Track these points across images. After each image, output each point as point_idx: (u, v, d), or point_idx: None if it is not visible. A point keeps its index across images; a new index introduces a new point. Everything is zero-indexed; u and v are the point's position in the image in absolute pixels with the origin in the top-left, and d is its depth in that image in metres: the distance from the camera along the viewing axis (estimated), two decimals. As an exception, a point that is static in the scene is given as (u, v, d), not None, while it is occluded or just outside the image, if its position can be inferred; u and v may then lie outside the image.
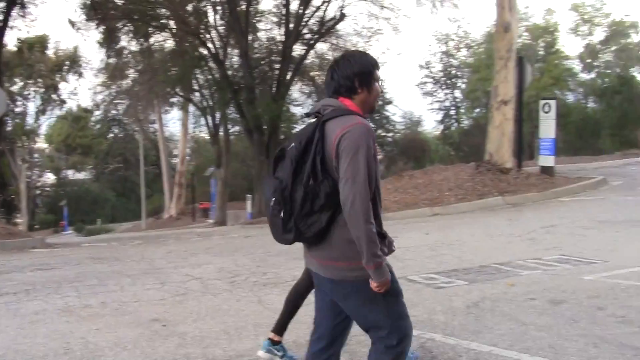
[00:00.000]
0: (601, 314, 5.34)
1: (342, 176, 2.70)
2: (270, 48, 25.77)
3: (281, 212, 2.76)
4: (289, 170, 2.75)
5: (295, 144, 2.79)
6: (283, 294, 6.63)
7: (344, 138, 2.69)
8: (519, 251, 8.24)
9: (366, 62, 2.93)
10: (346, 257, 2.80)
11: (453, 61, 44.39)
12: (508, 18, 15.74)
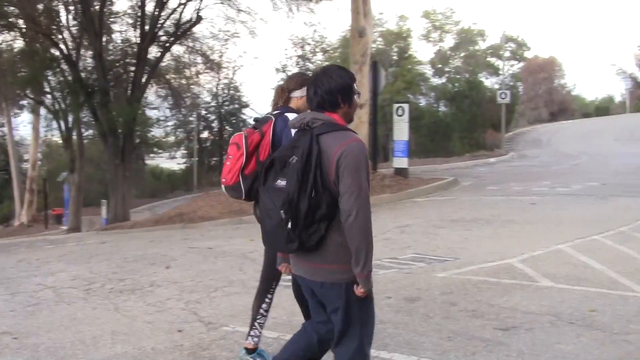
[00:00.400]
0: (454, 309, 5.77)
1: (345, 190, 2.95)
2: (125, 50, 25.42)
3: (289, 222, 2.95)
4: (296, 182, 2.95)
5: (297, 157, 2.99)
6: (140, 300, 6.58)
7: (345, 155, 2.96)
8: (375, 251, 8.58)
9: (346, 77, 3.21)
10: (338, 261, 3.06)
11: (309, 65, 45.56)
12: (363, 23, 16.42)
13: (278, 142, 4.13)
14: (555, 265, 7.40)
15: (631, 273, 6.89)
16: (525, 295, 6.14)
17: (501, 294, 6.22)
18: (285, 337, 5.04)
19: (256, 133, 4.18)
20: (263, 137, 4.16)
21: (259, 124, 4.27)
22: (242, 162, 4.08)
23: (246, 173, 4.10)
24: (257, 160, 4.12)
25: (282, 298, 6.34)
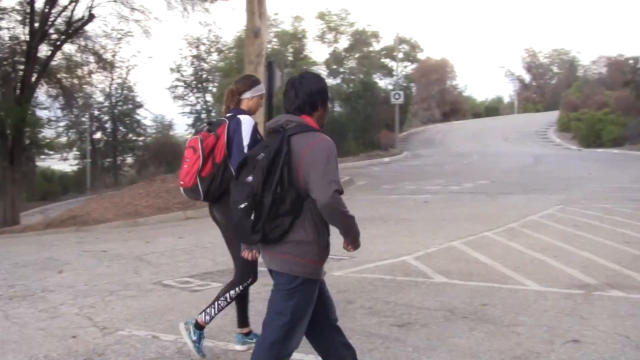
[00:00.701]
0: (351, 307, 5.96)
1: (315, 184, 3.17)
2: (13, 48, 24.26)
3: (251, 215, 3.18)
4: (260, 178, 3.18)
5: (265, 154, 3.23)
6: (32, 306, 6.37)
7: (313, 152, 3.21)
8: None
9: (323, 82, 3.52)
10: (296, 254, 3.26)
11: (204, 65, 45.21)
12: (258, 24, 16.49)
13: (235, 141, 4.40)
14: (449, 261, 7.78)
15: (520, 267, 7.35)
16: (420, 292, 6.43)
17: (397, 291, 6.48)
18: (182, 339, 5.05)
19: (211, 136, 4.44)
20: (218, 139, 4.43)
21: (213, 127, 4.52)
22: (199, 164, 4.37)
23: (203, 175, 4.38)
24: (213, 163, 4.42)
25: (178, 301, 6.37)
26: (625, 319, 5.46)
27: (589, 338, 4.97)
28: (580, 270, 7.21)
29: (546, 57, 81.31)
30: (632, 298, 6.10)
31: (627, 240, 8.86)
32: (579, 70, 78.14)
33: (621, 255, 7.95)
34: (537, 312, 5.72)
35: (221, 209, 4.52)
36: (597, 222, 10.51)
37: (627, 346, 4.79)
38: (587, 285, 6.61)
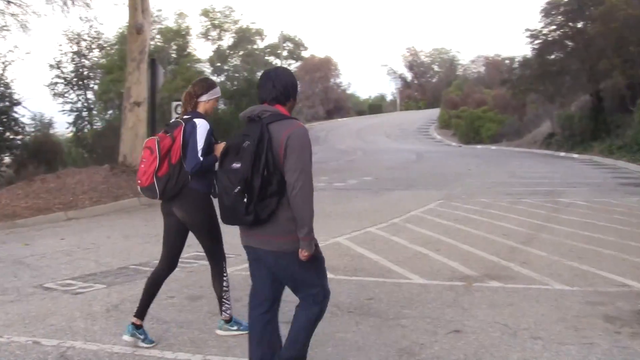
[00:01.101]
0: (237, 305, 5.86)
1: (291, 166, 3.57)
2: None
3: (244, 198, 3.55)
4: (249, 163, 3.54)
5: (249, 141, 3.57)
6: None
7: (291, 138, 3.59)
8: (157, 251, 8.46)
9: (294, 76, 3.97)
10: (288, 232, 3.64)
11: (85, 62, 43.59)
12: (141, 20, 16.13)
13: (191, 143, 4.71)
14: (334, 257, 7.89)
15: (403, 262, 7.60)
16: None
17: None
18: (65, 343, 4.93)
19: (168, 137, 4.73)
20: (174, 141, 4.72)
21: (170, 128, 4.81)
22: (155, 165, 4.66)
23: (159, 175, 4.67)
24: (169, 163, 4.70)
25: (60, 304, 6.15)
26: (503, 307, 5.77)
27: (470, 328, 5.22)
28: (461, 263, 7.54)
29: (427, 56, 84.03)
30: (509, 288, 6.45)
31: (504, 233, 9.36)
32: (458, 69, 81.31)
33: (499, 247, 8.39)
34: (420, 304, 5.93)
35: (183, 206, 4.85)
36: (476, 216, 11.02)
37: (505, 334, 5.06)
38: (467, 277, 6.93)
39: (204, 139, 4.75)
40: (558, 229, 9.65)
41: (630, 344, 4.77)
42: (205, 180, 4.85)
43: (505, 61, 50.94)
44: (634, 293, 6.15)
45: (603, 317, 5.44)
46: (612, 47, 29.64)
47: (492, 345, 4.80)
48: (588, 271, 7.03)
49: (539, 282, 6.67)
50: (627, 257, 7.67)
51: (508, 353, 4.65)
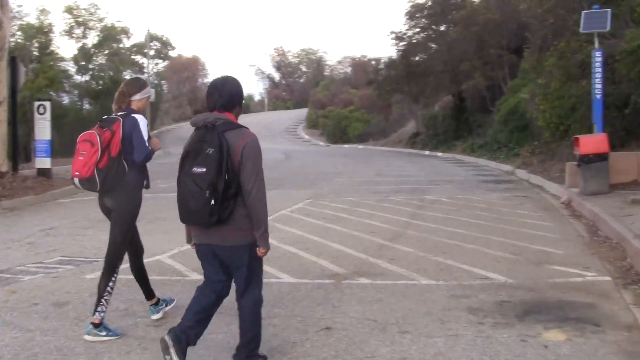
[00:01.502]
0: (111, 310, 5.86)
1: (248, 173, 4.05)
2: None
3: (212, 199, 3.92)
4: (215, 168, 3.93)
5: (213, 148, 3.95)
6: None
7: (247, 147, 4.05)
8: (18, 257, 8.26)
9: (240, 86, 4.34)
10: (244, 228, 4.10)
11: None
12: (0, 15, 15.38)
13: (127, 139, 5.02)
14: (205, 259, 7.90)
15: (273, 261, 7.57)
16: (176, 290, 6.44)
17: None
18: None
19: (107, 132, 4.96)
20: (114, 135, 4.97)
21: (107, 123, 5.03)
22: (97, 157, 4.86)
23: (100, 167, 4.89)
24: (109, 156, 4.94)
25: None
26: (372, 304, 5.96)
27: (341, 324, 5.36)
28: (331, 261, 7.71)
29: (295, 56, 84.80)
30: (378, 284, 6.67)
31: (372, 231, 9.65)
32: (326, 69, 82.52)
33: (367, 244, 8.64)
34: (291, 303, 6.03)
35: (116, 197, 5.14)
36: (345, 215, 11.29)
37: (374, 329, 5.24)
38: (337, 274, 7.09)
39: (146, 131, 5.14)
40: (424, 226, 10.07)
41: (493, 334, 5.06)
42: (141, 174, 5.27)
43: (372, 62, 52.11)
44: (495, 285, 6.52)
45: (467, 309, 5.73)
46: (473, 49, 31.15)
47: (362, 341, 4.95)
48: (452, 265, 7.39)
49: (406, 277, 6.93)
50: (489, 251, 8.14)
51: (377, 348, 4.80)
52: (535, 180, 17.02)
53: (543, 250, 8.16)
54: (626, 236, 8.04)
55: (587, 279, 6.71)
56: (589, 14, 13.49)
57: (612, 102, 14.71)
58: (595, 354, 4.58)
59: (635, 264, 7.10)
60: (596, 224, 9.86)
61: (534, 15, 19.08)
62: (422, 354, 4.67)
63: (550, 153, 18.95)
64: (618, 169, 12.74)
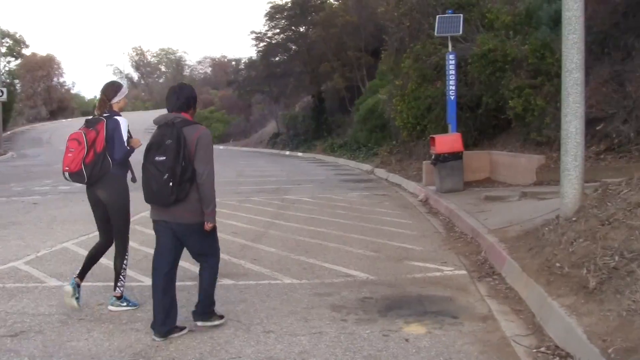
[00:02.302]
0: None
1: (200, 159, 4.90)
2: None
3: (170, 183, 4.77)
4: (173, 156, 4.77)
5: (171, 140, 4.80)
6: None
7: (200, 138, 4.93)
8: None
9: (194, 91, 5.33)
10: (195, 210, 4.98)
11: None
12: None
13: (110, 137, 5.70)
14: (62, 263, 7.59)
15: (134, 264, 7.41)
16: (33, 298, 6.17)
17: (7, 299, 6.11)
18: None
19: (92, 131, 5.64)
20: (98, 134, 5.65)
21: (92, 124, 5.71)
22: (83, 153, 5.55)
23: (87, 162, 5.58)
24: (94, 152, 5.61)
25: None
26: (236, 304, 5.96)
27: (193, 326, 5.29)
28: (193, 263, 7.53)
29: (154, 56, 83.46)
30: (241, 285, 6.68)
31: (234, 232, 9.62)
32: (185, 69, 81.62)
33: (230, 245, 8.58)
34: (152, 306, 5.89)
35: (107, 190, 5.81)
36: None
37: (239, 329, 5.23)
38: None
39: (126, 132, 5.84)
40: (286, 225, 10.16)
41: (356, 330, 5.18)
42: (124, 168, 5.95)
43: (232, 62, 52.10)
44: (357, 282, 6.69)
45: (330, 306, 5.84)
46: (333, 51, 31.78)
47: (227, 342, 4.93)
48: (315, 264, 7.51)
49: (270, 277, 6.98)
50: (350, 249, 8.33)
51: (242, 348, 4.80)
52: (394, 179, 17.63)
53: (402, 246, 8.46)
54: (480, 231, 8.48)
55: (445, 274, 7.02)
56: (443, 18, 14.13)
57: (465, 103, 15.50)
58: (454, 345, 4.79)
59: (489, 257, 7.50)
60: (452, 220, 10.35)
61: (391, 18, 19.66)
62: (287, 353, 4.71)
63: (408, 152, 19.70)
64: (472, 167, 13.45)
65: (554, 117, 11.93)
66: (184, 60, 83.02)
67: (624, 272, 4.88)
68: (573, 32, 6.85)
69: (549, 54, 13.05)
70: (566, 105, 6.94)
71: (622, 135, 10.89)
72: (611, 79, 11.54)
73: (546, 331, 4.94)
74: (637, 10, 11.82)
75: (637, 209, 5.75)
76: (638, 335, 3.95)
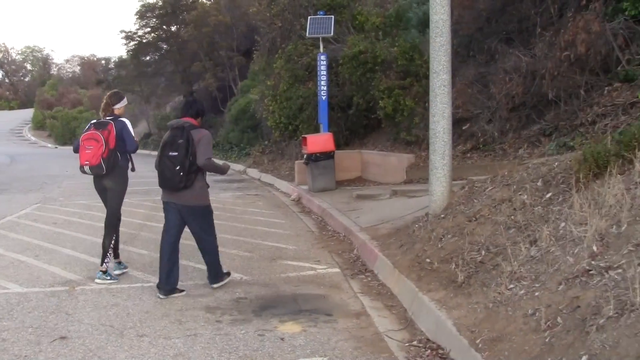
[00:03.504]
0: None
1: (202, 153, 6.10)
2: None
3: (181, 173, 6.03)
4: (184, 152, 6.03)
5: (182, 140, 6.07)
6: None
7: (202, 138, 6.16)
8: None
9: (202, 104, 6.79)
10: (199, 196, 6.25)
11: None
12: None
13: (119, 136, 6.85)
14: None
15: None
16: None
17: None
18: None
19: (105, 131, 6.75)
20: (110, 133, 6.77)
21: (102, 125, 6.82)
22: (102, 150, 6.67)
23: (105, 157, 6.69)
24: (108, 149, 6.72)
25: None
26: (108, 309, 5.76)
27: (76, 333, 5.11)
28: (63, 268, 7.33)
29: (19, 53, 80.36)
30: (113, 288, 6.47)
31: (105, 234, 9.25)
32: (53, 68, 78.79)
33: (100, 248, 8.25)
34: (21, 314, 5.64)
35: (114, 178, 6.93)
36: (76, 219, 10.77)
37: (112, 335, 5.06)
38: (70, 281, 6.76)
39: (132, 130, 7.10)
40: (158, 227, 9.77)
41: (231, 330, 5.12)
42: (127, 160, 7.17)
43: (101, 61, 50.63)
44: (231, 283, 6.62)
45: (204, 308, 5.76)
46: (204, 50, 31.45)
47: (100, 348, 4.77)
48: (188, 265, 7.39)
49: (142, 280, 6.82)
50: (224, 249, 8.15)
51: (116, 354, 4.66)
52: (266, 179, 17.63)
53: (276, 246, 8.45)
54: (352, 229, 8.61)
55: (318, 272, 7.07)
56: (314, 19, 14.26)
57: (336, 103, 15.72)
58: (329, 342, 4.82)
59: (361, 255, 7.63)
60: (325, 219, 10.45)
61: (263, 18, 19.64)
62: (162, 356, 4.61)
63: (280, 152, 19.75)
64: (343, 167, 13.64)
65: (422, 117, 12.34)
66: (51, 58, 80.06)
67: (489, 266, 5.10)
68: (440, 35, 7.08)
69: (417, 56, 13.48)
70: (434, 106, 7.17)
71: (487, 135, 11.36)
72: (476, 81, 12.02)
73: (418, 325, 5.08)
74: (500, 16, 12.39)
75: (501, 205, 6.02)
76: (503, 325, 4.11)
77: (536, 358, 3.61)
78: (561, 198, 5.40)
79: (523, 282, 4.48)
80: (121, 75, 37.80)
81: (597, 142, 5.91)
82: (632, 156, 4.94)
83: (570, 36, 9.31)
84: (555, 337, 3.64)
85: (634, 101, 8.76)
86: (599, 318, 3.50)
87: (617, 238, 4.18)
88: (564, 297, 3.93)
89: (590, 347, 3.34)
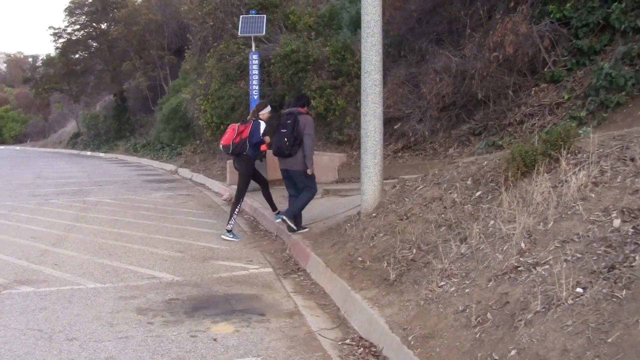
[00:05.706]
0: None
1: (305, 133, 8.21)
2: None
3: (287, 143, 8.20)
4: (290, 130, 8.21)
5: (290, 121, 8.24)
6: None
7: (306, 122, 8.29)
8: None
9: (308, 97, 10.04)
10: (299, 162, 8.30)
11: None
12: None
13: (252, 132, 8.78)
14: None
15: None
16: None
17: None
18: None
19: (242, 125, 8.88)
20: (246, 127, 8.84)
21: (244, 122, 8.96)
22: (232, 136, 8.79)
23: (235, 142, 8.77)
24: (240, 138, 8.78)
25: None
26: (36, 312, 5.55)
27: (2, 338, 4.92)
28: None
29: (-61, 46, 76.87)
30: (42, 291, 6.23)
31: (33, 236, 9.01)
32: (-23, 64, 76.15)
33: (28, 251, 8.03)
34: (-59, 321, 5.34)
35: (240, 163, 8.97)
36: (2, 220, 10.42)
37: (40, 339, 4.87)
38: (-5, 285, 6.47)
39: (263, 130, 8.81)
40: (88, 228, 9.65)
41: (163, 332, 5.00)
42: (256, 151, 8.94)
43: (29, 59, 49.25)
44: (163, 284, 6.48)
45: (136, 310, 5.61)
46: (135, 49, 30.91)
47: (27, 353, 4.59)
48: (119, 267, 7.18)
49: (72, 282, 6.59)
50: (155, 250, 8.07)
51: (45, 358, 4.49)
52: (198, 179, 17.44)
53: (208, 246, 8.35)
54: (284, 229, 8.56)
55: (251, 272, 7.01)
56: (246, 18, 14.12)
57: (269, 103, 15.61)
58: (262, 342, 4.77)
59: (293, 254, 7.60)
60: (257, 219, 10.38)
61: (194, 17, 19.36)
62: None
63: (212, 152, 19.57)
64: (276, 166, 13.47)
65: (354, 117, 12.40)
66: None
67: (421, 264, 5.14)
68: (372, 35, 7.12)
69: (349, 55, 13.54)
70: (365, 105, 7.20)
71: (417, 134, 11.49)
72: (407, 81, 12.16)
73: (351, 323, 5.08)
74: (430, 17, 12.57)
75: (432, 203, 6.08)
76: (435, 322, 4.14)
77: (467, 353, 3.64)
78: (490, 196, 5.49)
79: (454, 280, 4.53)
80: (49, 73, 36.75)
81: (524, 141, 6.03)
82: (558, 155, 5.06)
83: (498, 37, 9.52)
84: (485, 333, 3.69)
85: (559, 101, 9.04)
86: (527, 313, 3.57)
87: (544, 235, 4.27)
88: (494, 294, 3.99)
89: (519, 342, 3.40)
